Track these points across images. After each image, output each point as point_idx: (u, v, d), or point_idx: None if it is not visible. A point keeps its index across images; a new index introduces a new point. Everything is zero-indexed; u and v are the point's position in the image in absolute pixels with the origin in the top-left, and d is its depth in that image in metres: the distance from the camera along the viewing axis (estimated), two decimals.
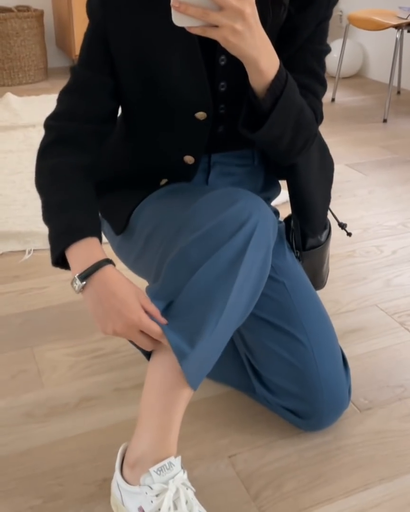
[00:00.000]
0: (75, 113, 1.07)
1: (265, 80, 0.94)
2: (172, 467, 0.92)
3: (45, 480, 1.08)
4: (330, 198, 1.33)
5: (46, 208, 1.03)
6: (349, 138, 2.89)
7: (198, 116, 1.07)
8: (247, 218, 0.94)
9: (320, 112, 1.10)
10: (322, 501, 1.05)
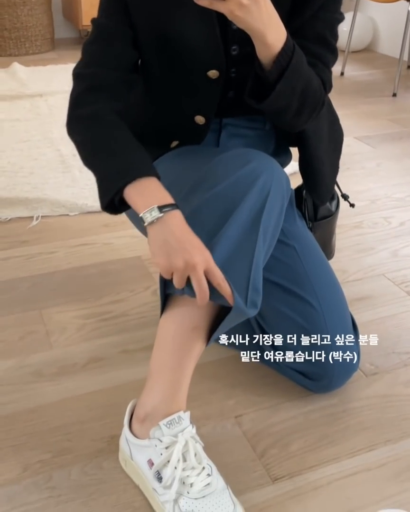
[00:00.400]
0: (104, 61, 1.05)
1: (271, 53, 0.94)
2: (181, 421, 0.93)
3: (54, 435, 1.09)
4: (338, 167, 1.33)
5: (95, 151, 0.99)
6: (358, 112, 2.87)
7: (211, 74, 1.07)
8: (260, 178, 0.94)
9: (329, 81, 1.10)
10: (327, 460, 1.06)
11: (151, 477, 0.93)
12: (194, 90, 1.11)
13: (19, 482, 1.00)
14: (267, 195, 0.94)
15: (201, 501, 0.89)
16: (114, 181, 0.94)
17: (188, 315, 0.95)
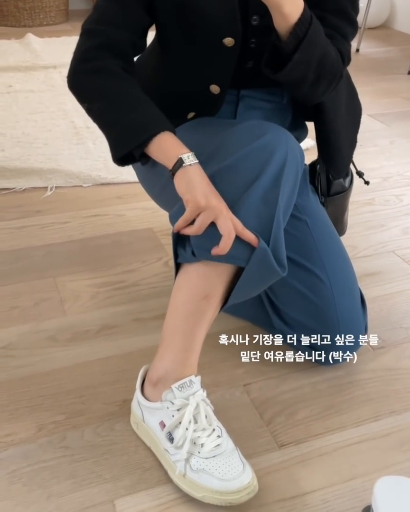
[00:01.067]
0: (115, 20, 1.05)
1: (288, 23, 0.95)
2: (192, 384, 0.96)
3: (68, 398, 1.12)
4: (356, 141, 1.33)
5: (109, 102, 1.01)
6: (373, 89, 2.85)
7: (227, 42, 1.07)
8: (276, 150, 0.95)
9: (347, 53, 1.10)
10: (333, 429, 1.09)
11: (163, 438, 0.96)
12: (210, 58, 1.11)
13: (34, 441, 1.04)
14: (282, 168, 0.95)
15: (212, 460, 0.92)
16: (136, 135, 0.98)
17: (200, 283, 0.97)
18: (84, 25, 1.08)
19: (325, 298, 1.14)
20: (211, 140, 1.03)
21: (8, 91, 2.62)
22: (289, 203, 1.00)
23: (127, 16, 1.06)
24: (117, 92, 1.02)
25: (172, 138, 0.99)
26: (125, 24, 1.06)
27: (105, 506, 0.94)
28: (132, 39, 1.07)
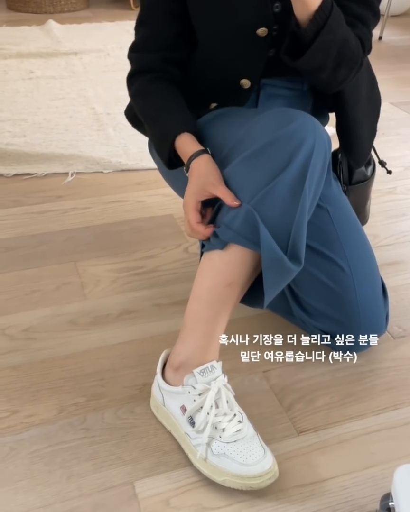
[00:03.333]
0: (147, 43, 1.15)
1: (308, 11, 0.94)
2: (214, 369, 0.96)
3: (88, 381, 1.13)
4: (376, 130, 1.31)
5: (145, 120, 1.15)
6: (395, 77, 2.82)
7: (260, 32, 1.07)
8: (306, 138, 0.93)
9: (368, 42, 1.09)
10: (352, 416, 1.09)
11: (184, 422, 0.97)
12: (242, 50, 1.10)
13: (55, 422, 1.05)
14: (310, 156, 0.94)
15: (233, 445, 0.93)
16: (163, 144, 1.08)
17: (224, 270, 0.97)
18: (128, 51, 1.20)
19: (345, 287, 1.13)
20: (236, 129, 1.03)
21: (30, 77, 2.63)
22: (316, 192, 0.99)
23: (156, 35, 1.14)
24: (145, 111, 1.15)
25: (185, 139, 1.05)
26: (155, 45, 1.14)
27: (124, 487, 0.95)
28: (163, 56, 1.14)
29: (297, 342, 1.24)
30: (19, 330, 1.25)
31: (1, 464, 0.97)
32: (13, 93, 2.46)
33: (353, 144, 1.25)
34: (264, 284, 0.95)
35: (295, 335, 1.25)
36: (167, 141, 1.06)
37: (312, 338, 1.23)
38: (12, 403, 1.08)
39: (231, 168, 0.96)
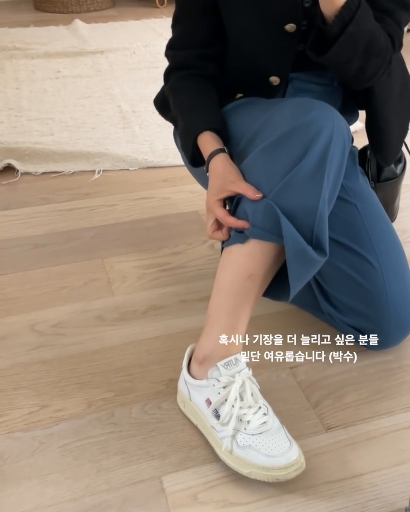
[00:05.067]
0: (182, 40, 1.18)
1: (334, 7, 0.93)
2: (238, 362, 0.97)
3: (116, 376, 1.14)
4: (407, 128, 1.29)
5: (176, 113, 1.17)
6: None
7: (288, 28, 1.07)
8: (324, 127, 0.93)
9: (399, 38, 1.07)
10: (381, 413, 1.08)
11: (209, 414, 0.97)
12: (271, 46, 1.10)
13: (84, 417, 1.06)
14: (328, 144, 0.93)
15: (258, 437, 0.93)
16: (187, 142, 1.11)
17: (244, 263, 0.97)
18: (165, 49, 1.23)
19: (375, 283, 1.12)
20: (258, 118, 1.03)
21: (57, 77, 2.65)
22: (336, 181, 0.98)
23: (191, 32, 1.16)
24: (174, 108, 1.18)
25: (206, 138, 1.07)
26: (188, 43, 1.17)
27: (153, 482, 0.95)
28: (198, 51, 1.16)
29: (324, 340, 1.23)
30: (48, 326, 1.26)
31: (31, 458, 0.99)
32: (41, 93, 2.48)
33: (382, 142, 1.23)
34: (289, 277, 0.95)
35: (323, 332, 1.25)
36: (190, 139, 1.08)
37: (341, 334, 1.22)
38: (41, 398, 1.10)
39: (250, 159, 0.97)
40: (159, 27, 3.38)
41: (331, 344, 1.22)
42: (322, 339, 1.23)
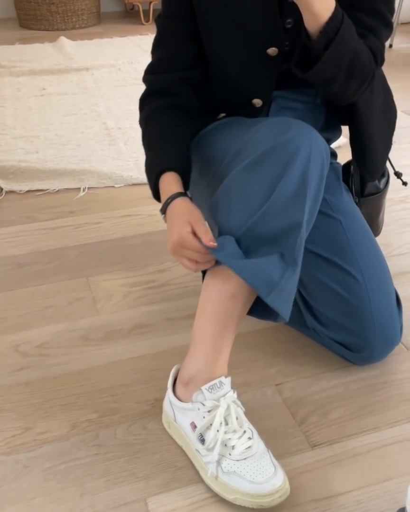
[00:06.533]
0: (163, 65, 1.16)
1: (318, 23, 0.94)
2: (223, 385, 0.96)
3: (101, 397, 1.13)
4: (391, 143, 1.30)
5: (145, 147, 1.14)
6: (406, 85, 2.81)
7: (270, 52, 1.08)
8: (299, 146, 0.93)
9: (381, 54, 1.08)
10: (367, 429, 1.08)
11: (194, 439, 0.96)
12: (253, 69, 1.11)
13: (68, 439, 1.05)
14: (307, 163, 0.93)
15: (243, 462, 0.92)
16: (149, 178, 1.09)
17: (226, 283, 0.97)
18: (143, 74, 1.20)
19: (360, 297, 1.12)
20: (238, 138, 1.03)
21: (42, 94, 2.66)
22: (315, 201, 0.98)
23: (172, 56, 1.15)
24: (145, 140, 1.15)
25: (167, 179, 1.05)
26: (171, 65, 1.15)
27: (137, 504, 0.95)
28: (180, 76, 1.14)
29: (310, 355, 1.24)
30: (32, 346, 1.26)
31: (14, 482, 0.98)
32: (26, 110, 2.49)
33: (367, 158, 1.24)
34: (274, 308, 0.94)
35: (308, 348, 1.25)
36: (153, 175, 1.07)
37: (326, 350, 1.23)
38: (25, 420, 1.09)
39: (230, 179, 0.96)
40: (145, 43, 3.41)
41: (317, 360, 1.23)
42: (307, 355, 1.24)
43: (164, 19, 1.14)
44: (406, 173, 1.99)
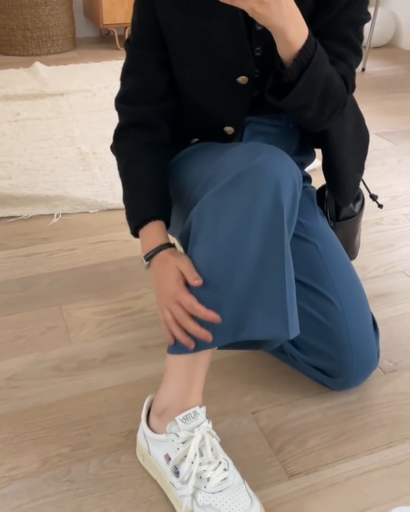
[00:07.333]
0: (139, 96, 1.14)
1: (292, 51, 0.94)
2: (197, 416, 0.94)
3: (73, 429, 1.11)
4: (363, 169, 1.31)
5: (123, 190, 1.14)
6: (379, 108, 2.85)
7: (241, 80, 1.08)
8: (269, 170, 0.92)
9: (352, 81, 1.09)
10: (345, 457, 1.06)
11: (168, 471, 0.94)
12: (223, 98, 1.11)
13: (38, 475, 1.02)
14: (279, 188, 0.92)
15: (219, 495, 0.90)
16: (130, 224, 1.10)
17: None
18: (115, 102, 1.19)
19: (336, 322, 1.12)
20: (210, 164, 1.03)
21: (16, 119, 2.65)
22: (290, 224, 0.98)
23: (145, 85, 1.14)
24: (125, 177, 1.15)
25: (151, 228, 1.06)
26: (145, 96, 1.14)
27: None
28: (155, 109, 1.14)
29: (287, 381, 1.23)
30: (3, 379, 1.23)
31: None
32: None
33: (339, 183, 1.25)
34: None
35: (285, 374, 1.24)
36: (134, 221, 1.08)
37: (303, 376, 1.21)
38: None
39: (200, 206, 0.94)
40: (120, 68, 3.41)
41: (293, 386, 1.22)
42: (283, 381, 1.23)
43: (134, 46, 1.13)
44: (380, 194, 2.01)
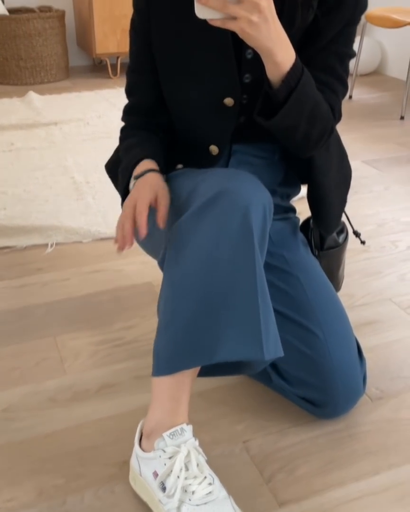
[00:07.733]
0: (137, 109, 1.27)
1: (280, 72, 0.98)
2: (184, 432, 0.97)
3: (68, 460, 1.13)
4: (345, 201, 1.35)
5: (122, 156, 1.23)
6: (366, 135, 2.91)
7: (227, 102, 1.13)
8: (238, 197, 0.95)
9: (338, 109, 1.13)
10: (333, 484, 1.09)
11: (156, 487, 0.96)
12: (210, 118, 1.17)
13: (34, 506, 1.04)
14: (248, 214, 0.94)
15: (203, 507, 0.92)
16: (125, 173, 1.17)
17: None
18: (123, 111, 1.31)
19: (321, 353, 1.14)
20: (186, 189, 1.06)
21: (10, 149, 2.69)
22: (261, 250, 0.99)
23: (143, 103, 1.26)
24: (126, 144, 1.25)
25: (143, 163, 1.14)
26: (143, 111, 1.26)
27: None
28: (152, 120, 1.26)
29: (277, 409, 1.25)
30: None
31: None
32: None
33: (324, 213, 1.28)
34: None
35: (275, 402, 1.27)
36: (129, 167, 1.15)
37: (292, 404, 1.24)
38: None
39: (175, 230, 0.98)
40: (113, 97, 3.49)
41: (284, 415, 1.24)
42: (274, 409, 1.26)
43: (132, 73, 1.25)
44: (367, 222, 2.06)
